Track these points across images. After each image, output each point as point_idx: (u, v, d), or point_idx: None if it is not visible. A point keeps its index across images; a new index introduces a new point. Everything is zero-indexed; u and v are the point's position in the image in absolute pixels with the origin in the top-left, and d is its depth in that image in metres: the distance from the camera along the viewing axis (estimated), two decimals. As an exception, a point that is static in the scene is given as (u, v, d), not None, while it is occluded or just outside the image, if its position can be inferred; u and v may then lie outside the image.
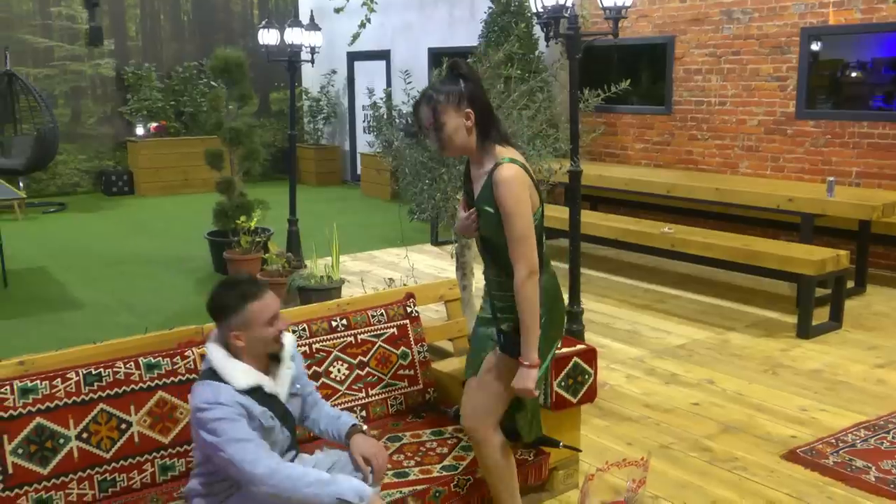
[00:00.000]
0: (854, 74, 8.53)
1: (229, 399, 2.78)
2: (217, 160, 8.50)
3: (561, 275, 5.86)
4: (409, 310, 4.13)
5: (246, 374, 2.87)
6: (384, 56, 14.23)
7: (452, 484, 3.39)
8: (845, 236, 7.96)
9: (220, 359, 2.88)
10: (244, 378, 2.85)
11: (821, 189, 7.75)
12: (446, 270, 8.22)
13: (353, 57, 14.91)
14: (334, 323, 3.86)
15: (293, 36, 8.01)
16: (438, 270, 8.42)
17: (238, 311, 2.85)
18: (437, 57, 12.27)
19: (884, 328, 6.65)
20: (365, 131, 15.24)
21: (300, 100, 15.51)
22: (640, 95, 10.39)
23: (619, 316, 7.00)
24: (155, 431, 3.26)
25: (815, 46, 8.59)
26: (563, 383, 3.75)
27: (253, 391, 2.86)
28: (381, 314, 4.03)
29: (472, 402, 3.22)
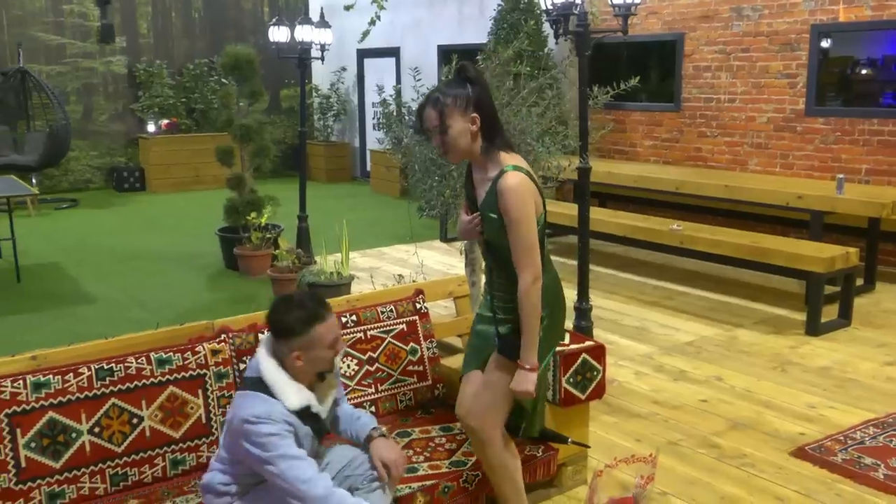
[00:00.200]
0: (864, 71, 8.50)
1: (280, 417, 2.76)
2: (228, 157, 8.54)
3: (570, 271, 5.89)
4: (419, 306, 4.14)
5: (298, 395, 2.85)
6: (394, 53, 14.24)
7: (461, 479, 3.40)
8: (855, 234, 7.94)
9: (273, 373, 2.85)
10: (297, 398, 2.84)
11: (830, 186, 7.74)
12: (455, 267, 8.23)
13: (363, 54, 14.93)
14: (344, 319, 3.87)
15: (303, 33, 8.03)
16: (447, 267, 8.43)
17: (302, 334, 2.82)
18: (447, 54, 12.27)
19: (893, 326, 6.64)
20: (374, 128, 15.27)
21: (310, 97, 15.54)
22: (650, 92, 10.38)
23: (628, 312, 7.00)
24: (166, 426, 3.28)
25: (825, 43, 8.56)
26: (572, 380, 3.76)
27: (300, 410, 2.85)
28: (391, 310, 4.04)
29: (478, 402, 3.22)
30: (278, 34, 8.19)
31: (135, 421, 3.22)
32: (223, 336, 3.50)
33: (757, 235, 7.26)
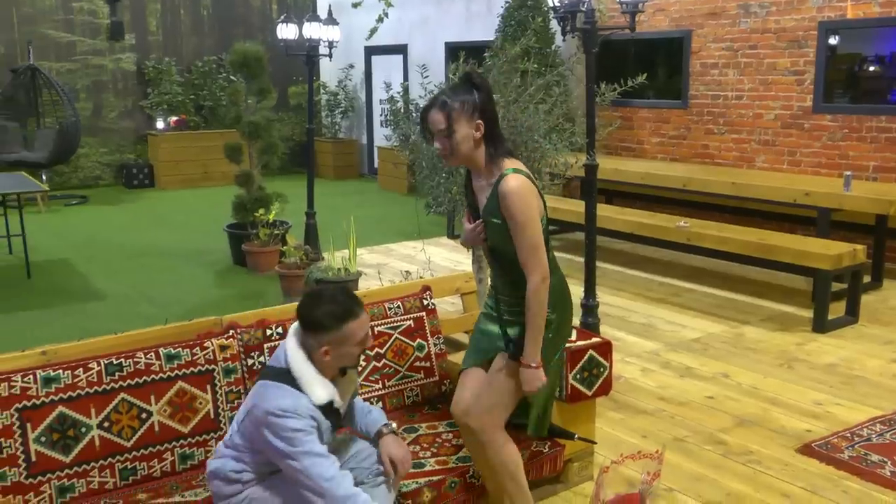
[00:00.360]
0: (872, 68, 8.47)
1: (306, 412, 2.76)
2: (236, 154, 8.57)
3: (576, 268, 5.90)
4: (426, 302, 4.15)
5: (325, 389, 2.84)
6: (401, 50, 14.25)
7: (468, 475, 3.42)
8: (862, 231, 7.94)
9: (302, 366, 2.84)
10: (323, 393, 2.84)
11: (837, 183, 7.73)
12: (462, 263, 8.24)
13: (371, 51, 14.94)
14: (351, 315, 3.89)
15: (311, 30, 8.04)
16: (455, 263, 8.45)
17: (333, 330, 2.82)
18: (454, 51, 12.26)
19: (901, 323, 6.64)
20: (382, 125, 15.29)
21: (318, 94, 15.56)
22: (657, 89, 10.36)
23: (635, 309, 7.01)
24: (175, 421, 3.29)
25: (833, 40, 8.54)
26: (579, 376, 3.76)
27: (323, 405, 2.85)
28: (398, 306, 4.05)
29: (480, 403, 3.22)
30: (286, 31, 8.22)
31: (144, 416, 3.24)
32: (231, 332, 3.52)
33: (764, 232, 7.26)
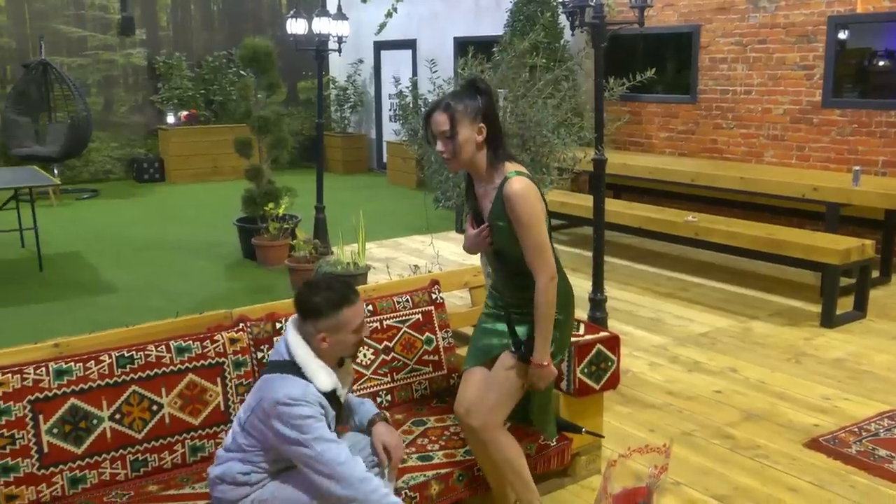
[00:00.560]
0: (882, 63, 8.43)
1: (315, 399, 2.78)
2: (246, 148, 8.60)
3: (585, 262, 5.91)
4: (434, 296, 4.18)
5: (329, 377, 2.87)
6: (410, 45, 14.25)
7: (475, 468, 3.43)
8: (871, 226, 7.92)
9: (306, 355, 2.87)
10: (328, 381, 2.86)
11: (846, 178, 7.71)
12: (471, 258, 8.25)
13: (380, 46, 14.95)
14: (360, 308, 3.92)
15: (321, 25, 8.06)
16: (463, 258, 8.44)
17: (330, 316, 2.85)
18: (463, 46, 12.28)
19: (909, 318, 6.63)
20: (391, 120, 15.25)
21: (327, 89, 15.57)
22: (666, 84, 10.35)
23: (643, 304, 7.01)
24: (185, 413, 3.32)
25: (843, 35, 8.51)
26: (587, 370, 3.77)
27: (327, 393, 2.87)
28: (407, 300, 4.08)
29: (483, 403, 3.23)
30: (296, 26, 8.23)
31: (155, 408, 3.26)
32: (241, 325, 3.55)
33: (772, 227, 7.25)
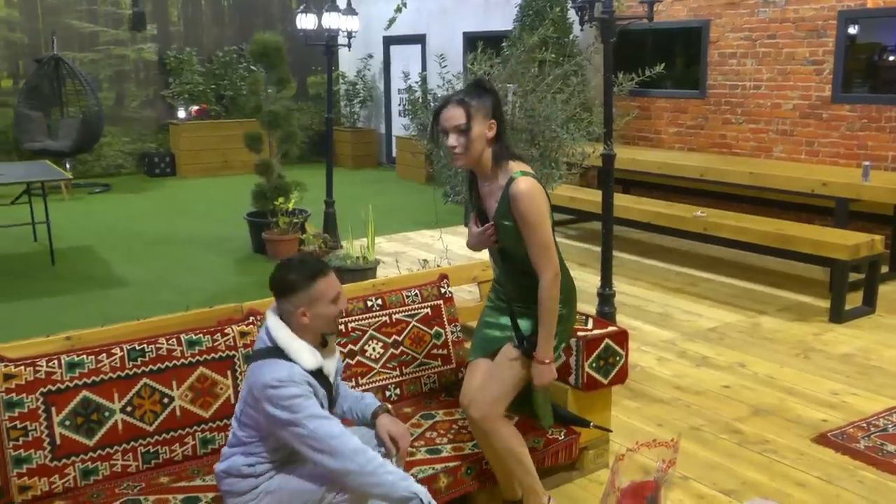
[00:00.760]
0: (892, 58, 8.38)
1: (301, 378, 2.79)
2: (256, 143, 8.63)
3: (593, 257, 5.92)
4: (443, 290, 4.19)
5: (312, 355, 2.88)
6: (420, 40, 14.25)
7: (484, 461, 3.45)
8: (880, 221, 7.89)
9: (287, 337, 2.87)
10: (312, 359, 2.87)
11: (856, 174, 7.69)
12: (479, 252, 8.26)
13: (389, 41, 14.95)
14: (370, 303, 3.93)
15: (330, 20, 8.09)
16: (472, 252, 8.45)
17: (306, 289, 2.85)
18: (473, 41, 12.26)
19: (918, 313, 6.61)
20: (400, 114, 15.29)
21: (337, 83, 15.58)
22: (675, 79, 10.33)
23: (651, 299, 7.02)
24: (196, 406, 3.34)
25: (853, 30, 8.48)
26: (595, 364, 3.78)
27: (314, 372, 2.88)
28: (416, 294, 4.09)
29: (484, 394, 3.25)
30: (306, 21, 8.26)
31: (166, 401, 3.29)
32: (251, 318, 3.56)
33: (781, 222, 7.24)
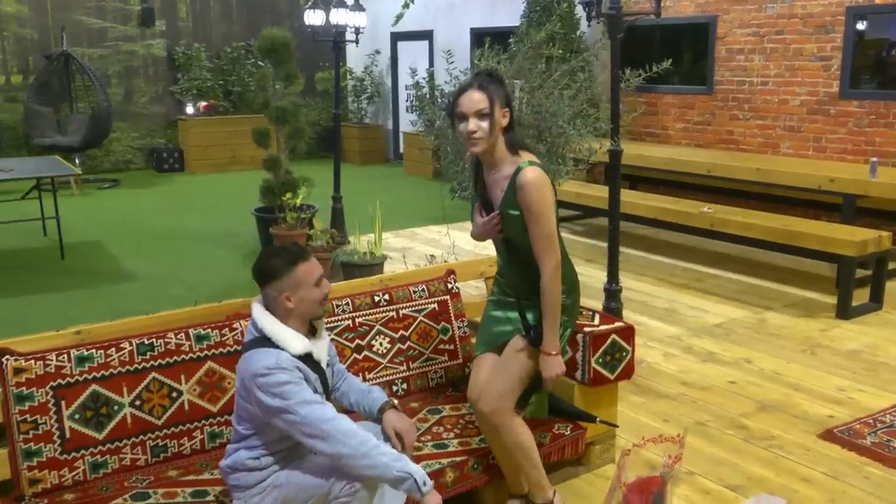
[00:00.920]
0: (901, 54, 8.41)
1: (290, 364, 2.80)
2: (264, 138, 8.64)
3: (600, 253, 5.91)
4: (450, 286, 4.19)
5: (300, 341, 2.89)
6: (427, 36, 14.26)
7: (490, 456, 3.46)
8: (888, 217, 7.88)
9: (272, 324, 2.89)
10: (299, 344, 2.88)
11: (863, 170, 7.68)
12: (486, 248, 8.25)
13: (397, 37, 14.96)
14: (377, 298, 3.94)
15: (338, 16, 8.10)
16: (479, 248, 8.45)
17: (288, 273, 2.88)
18: (480, 37, 12.24)
19: (925, 310, 6.60)
20: (408, 110, 15.28)
21: (344, 79, 15.60)
22: (682, 75, 10.32)
23: (658, 294, 7.02)
24: (204, 400, 3.36)
25: (861, 25, 8.46)
26: (601, 360, 3.78)
27: (304, 357, 2.89)
28: (423, 290, 4.10)
29: (493, 387, 3.25)
30: (313, 17, 8.27)
31: (174, 395, 3.31)
32: (259, 313, 3.58)
33: (788, 219, 7.23)
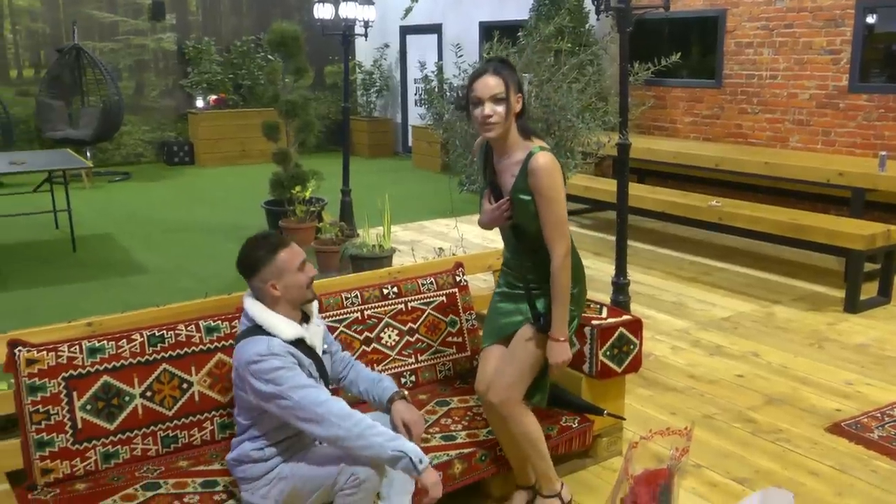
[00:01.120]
0: (910, 48, 8.38)
1: (282, 349, 2.83)
2: (273, 132, 8.67)
3: (608, 246, 5.92)
4: (458, 279, 4.20)
5: (290, 326, 2.92)
6: (436, 30, 14.25)
7: (498, 448, 3.48)
8: (897, 211, 7.88)
9: (262, 312, 2.94)
10: (289, 329, 2.91)
11: (872, 163, 7.66)
12: (494, 241, 8.27)
13: (406, 31, 14.96)
14: (385, 290, 3.96)
15: (347, 10, 8.10)
16: (487, 241, 8.48)
17: (270, 262, 2.93)
18: (488, 31, 12.23)
19: (934, 304, 6.58)
20: (416, 104, 15.27)
21: (354, 73, 15.61)
22: (691, 69, 10.30)
23: (666, 288, 7.02)
24: (214, 391, 3.38)
25: (871, 19, 8.44)
26: (609, 353, 3.79)
27: (296, 343, 2.92)
28: (431, 282, 4.11)
29: (502, 378, 3.26)
30: (323, 11, 8.28)
31: (185, 386, 3.33)
32: (269, 306, 3.60)
33: (796, 212, 7.22)
